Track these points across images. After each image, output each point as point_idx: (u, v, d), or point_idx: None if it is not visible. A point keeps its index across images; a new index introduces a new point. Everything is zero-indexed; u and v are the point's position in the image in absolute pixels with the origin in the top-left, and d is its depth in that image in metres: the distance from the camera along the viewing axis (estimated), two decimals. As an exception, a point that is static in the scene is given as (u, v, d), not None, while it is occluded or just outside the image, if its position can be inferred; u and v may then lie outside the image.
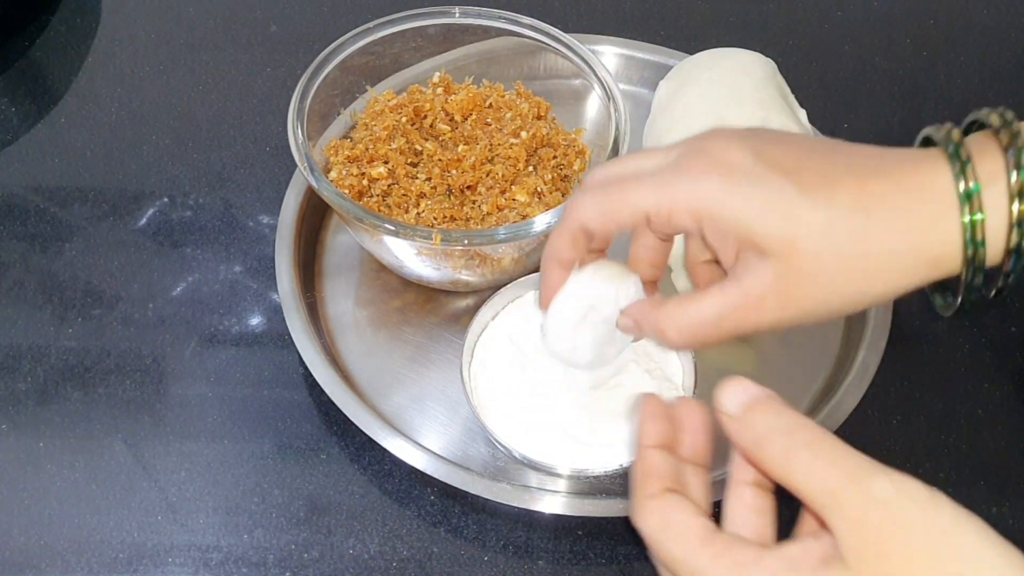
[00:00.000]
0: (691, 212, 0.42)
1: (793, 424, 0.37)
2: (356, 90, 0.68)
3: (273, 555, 0.57)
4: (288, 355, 0.64)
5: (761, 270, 0.41)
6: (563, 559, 0.57)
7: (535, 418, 0.56)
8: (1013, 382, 0.65)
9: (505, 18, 0.67)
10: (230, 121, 0.77)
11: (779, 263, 0.41)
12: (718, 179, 0.41)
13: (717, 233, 0.42)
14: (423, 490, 0.59)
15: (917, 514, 0.35)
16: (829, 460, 0.35)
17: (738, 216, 0.41)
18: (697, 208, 0.42)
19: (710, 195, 0.41)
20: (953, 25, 0.86)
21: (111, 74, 0.79)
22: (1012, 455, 0.62)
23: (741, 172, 0.41)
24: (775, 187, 0.41)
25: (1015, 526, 0.59)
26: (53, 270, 0.68)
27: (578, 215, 0.45)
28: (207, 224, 0.71)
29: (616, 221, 0.44)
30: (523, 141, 0.64)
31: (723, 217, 0.41)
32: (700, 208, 0.42)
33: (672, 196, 0.42)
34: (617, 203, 0.44)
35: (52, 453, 0.60)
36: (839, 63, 0.83)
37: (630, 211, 0.44)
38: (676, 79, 0.70)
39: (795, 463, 0.36)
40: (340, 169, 0.64)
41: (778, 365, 0.65)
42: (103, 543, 0.57)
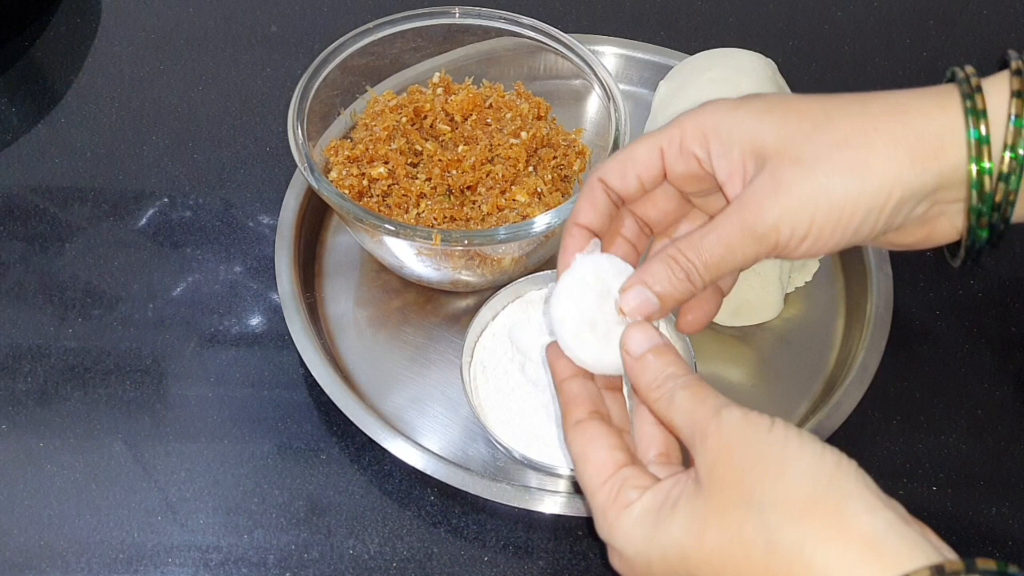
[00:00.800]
0: (700, 133, 0.44)
1: (678, 370, 0.42)
2: (356, 90, 0.68)
3: (273, 555, 0.57)
4: (288, 355, 0.64)
5: (761, 176, 0.42)
6: (563, 559, 0.57)
7: (535, 418, 0.56)
8: (1013, 383, 0.65)
9: (505, 18, 0.68)
10: (230, 121, 0.77)
11: (776, 160, 0.42)
12: (726, 107, 0.44)
13: (722, 146, 0.43)
14: (423, 490, 0.59)
15: (757, 433, 0.38)
16: (699, 400, 0.40)
17: (741, 121, 0.43)
18: (705, 125, 0.44)
19: (716, 114, 0.44)
20: (953, 25, 0.86)
21: (111, 74, 0.79)
22: (1012, 455, 0.62)
23: (743, 104, 0.44)
24: (781, 111, 0.43)
25: (1015, 526, 0.59)
26: (53, 270, 0.68)
27: (596, 171, 0.47)
28: (207, 224, 0.71)
29: (633, 163, 0.45)
30: (523, 141, 0.64)
31: (728, 126, 0.43)
32: (708, 125, 0.44)
33: (683, 122, 0.45)
34: (632, 147, 0.46)
35: (52, 453, 0.60)
36: (839, 63, 0.83)
37: (645, 147, 0.45)
38: (676, 79, 0.70)
39: (675, 403, 0.41)
40: (340, 169, 0.64)
41: (778, 365, 0.65)
42: (103, 543, 0.57)
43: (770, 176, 0.42)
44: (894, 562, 0.34)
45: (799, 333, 0.66)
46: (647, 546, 0.40)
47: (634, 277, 0.44)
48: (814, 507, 0.36)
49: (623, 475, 0.42)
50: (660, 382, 0.42)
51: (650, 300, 0.44)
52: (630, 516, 0.41)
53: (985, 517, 0.60)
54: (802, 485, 0.37)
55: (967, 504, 0.61)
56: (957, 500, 0.61)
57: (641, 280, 0.44)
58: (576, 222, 0.47)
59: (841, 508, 0.36)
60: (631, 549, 0.41)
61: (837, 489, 0.37)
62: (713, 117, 0.44)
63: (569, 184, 0.65)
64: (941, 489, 0.61)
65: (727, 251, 0.43)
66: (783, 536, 0.36)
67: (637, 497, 0.41)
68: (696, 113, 0.45)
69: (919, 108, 0.42)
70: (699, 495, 0.39)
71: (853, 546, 0.35)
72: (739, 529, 0.37)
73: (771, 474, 0.38)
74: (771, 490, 0.37)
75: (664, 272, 0.43)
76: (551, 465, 0.55)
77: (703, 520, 0.39)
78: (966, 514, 0.60)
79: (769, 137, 0.42)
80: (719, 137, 0.44)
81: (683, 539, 0.39)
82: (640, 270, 0.44)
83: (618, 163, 0.46)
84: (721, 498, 0.38)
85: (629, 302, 0.44)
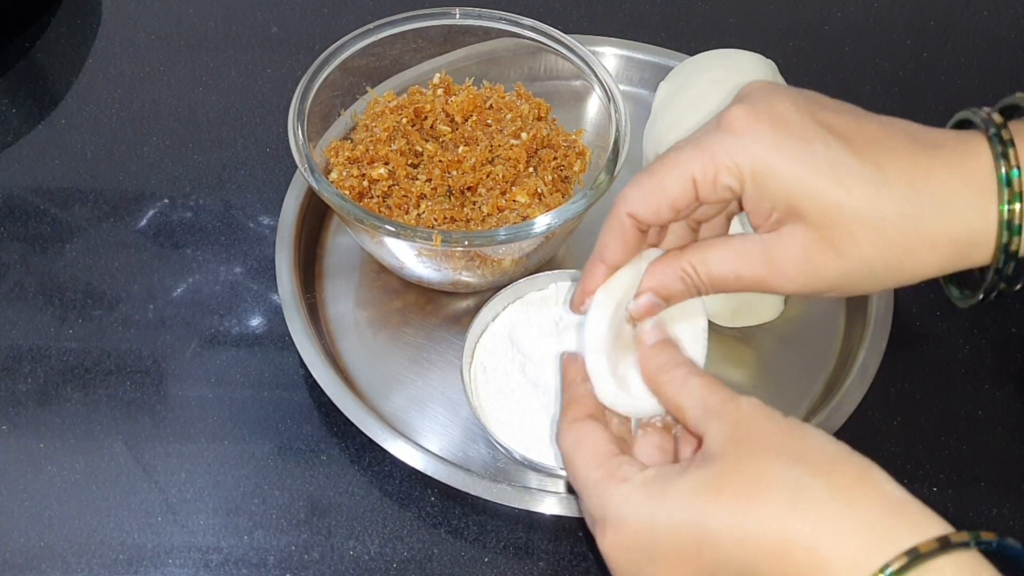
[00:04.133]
0: (736, 169, 0.40)
1: (686, 362, 0.44)
2: (356, 91, 0.68)
3: (273, 556, 0.57)
4: (288, 356, 0.64)
5: (790, 237, 0.41)
6: (563, 560, 0.57)
7: (535, 419, 0.56)
8: (1014, 383, 0.65)
9: (505, 19, 0.68)
10: (230, 122, 0.77)
11: (812, 232, 0.40)
12: (765, 135, 0.40)
13: (758, 193, 0.41)
14: (423, 491, 0.59)
15: (771, 419, 0.40)
16: (712, 388, 0.42)
17: (784, 176, 0.39)
18: (742, 165, 0.40)
19: (757, 153, 0.40)
20: (953, 25, 0.86)
21: (112, 75, 0.79)
22: (1012, 456, 0.62)
23: (789, 128, 0.40)
24: (825, 147, 0.39)
25: (1015, 527, 0.59)
26: (53, 271, 0.68)
27: (623, 204, 0.43)
28: (207, 225, 0.71)
29: (664, 195, 0.42)
30: (523, 142, 0.64)
31: (769, 176, 0.40)
32: (745, 165, 0.40)
33: (717, 153, 0.41)
34: (660, 175, 0.42)
35: (52, 454, 0.60)
36: (839, 64, 0.83)
37: (676, 178, 0.41)
38: (676, 80, 0.70)
39: (687, 387, 0.42)
40: (340, 170, 0.64)
41: (778, 365, 0.65)
42: (103, 544, 0.57)
43: (802, 252, 0.41)
44: (919, 524, 0.35)
45: (800, 334, 0.66)
46: (652, 508, 0.38)
47: (644, 285, 0.45)
48: (841, 465, 0.37)
49: (619, 458, 0.42)
50: (672, 367, 0.43)
51: (657, 304, 0.45)
52: (630, 485, 0.40)
53: (986, 518, 0.60)
54: (827, 448, 0.38)
55: (967, 505, 0.61)
56: (958, 501, 0.61)
57: (651, 288, 0.45)
58: (604, 260, 0.45)
59: (867, 472, 0.37)
60: (632, 514, 0.39)
61: (859, 458, 0.38)
62: (751, 154, 0.40)
63: (569, 185, 0.65)
64: (942, 490, 0.61)
65: (736, 281, 0.43)
66: (810, 484, 0.36)
67: (636, 473, 0.40)
68: (730, 141, 0.41)
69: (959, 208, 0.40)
70: (713, 461, 0.38)
71: (882, 503, 0.36)
72: (762, 477, 0.37)
73: (795, 436, 0.38)
74: (796, 446, 0.38)
75: (674, 284, 0.44)
76: (551, 466, 0.55)
77: (720, 476, 0.38)
78: (966, 515, 0.60)
79: (810, 207, 0.40)
80: (755, 182, 0.40)
81: (696, 495, 0.38)
82: (651, 279, 0.45)
83: (648, 196, 0.42)
84: (742, 455, 0.38)
85: (639, 308, 0.45)
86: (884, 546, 0.34)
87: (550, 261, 0.65)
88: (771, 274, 0.42)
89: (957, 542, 0.34)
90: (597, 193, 0.60)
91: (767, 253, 0.42)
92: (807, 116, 0.40)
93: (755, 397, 0.41)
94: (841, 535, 0.35)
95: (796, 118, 0.40)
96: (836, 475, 0.36)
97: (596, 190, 0.60)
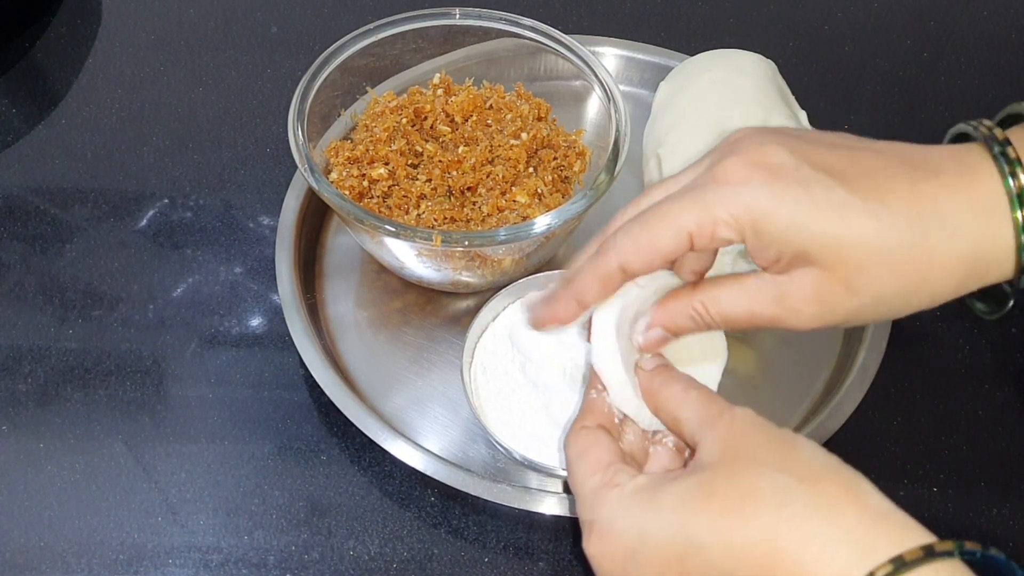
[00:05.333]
0: (736, 224, 0.40)
1: (683, 377, 0.45)
2: (356, 91, 0.68)
3: (273, 556, 0.57)
4: (288, 356, 0.64)
5: (801, 279, 0.41)
6: (563, 560, 0.57)
7: (535, 419, 0.56)
8: (1014, 383, 0.65)
9: (505, 19, 0.68)
10: (230, 122, 0.77)
11: (823, 272, 0.40)
12: (761, 185, 0.40)
13: (760, 243, 0.40)
14: (423, 491, 0.59)
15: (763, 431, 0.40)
16: (712, 399, 0.43)
17: (787, 224, 0.39)
18: (741, 218, 0.40)
19: (755, 203, 0.39)
20: (953, 25, 0.86)
21: (112, 75, 0.79)
22: (1013, 456, 0.62)
23: (784, 175, 0.40)
24: (824, 190, 0.39)
25: (1015, 527, 0.59)
26: (53, 271, 0.68)
27: (615, 254, 0.42)
28: (207, 225, 0.71)
29: (658, 250, 0.41)
30: (523, 142, 0.64)
31: (770, 227, 0.39)
32: (744, 218, 0.40)
33: (713, 208, 0.40)
34: (655, 230, 0.41)
35: (52, 454, 0.60)
36: (839, 64, 0.83)
37: (672, 234, 0.41)
38: (676, 80, 0.70)
39: (686, 399, 0.43)
40: (340, 170, 0.64)
41: (778, 366, 0.65)
42: (103, 544, 0.57)
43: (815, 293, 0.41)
44: (904, 534, 0.36)
45: (800, 334, 0.65)
46: (641, 515, 0.39)
47: (656, 320, 0.45)
48: (828, 476, 0.37)
49: (617, 467, 0.42)
50: (672, 384, 0.44)
51: (666, 339, 0.46)
52: (622, 491, 0.40)
53: (986, 518, 0.60)
54: (815, 460, 0.38)
55: (968, 505, 0.61)
56: (958, 501, 0.61)
57: (662, 323, 0.45)
58: (579, 300, 0.44)
59: (854, 483, 0.37)
60: (621, 520, 0.40)
61: (847, 470, 0.38)
62: (748, 206, 0.40)
63: (569, 185, 0.65)
64: (942, 490, 0.61)
65: (749, 320, 0.43)
66: (797, 495, 0.37)
67: (629, 480, 0.41)
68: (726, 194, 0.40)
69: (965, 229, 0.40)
70: (704, 470, 0.39)
71: (868, 513, 0.36)
72: (751, 487, 0.37)
73: (786, 448, 0.39)
74: (786, 458, 0.38)
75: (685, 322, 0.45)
76: (551, 466, 0.55)
77: (710, 485, 0.38)
78: (966, 515, 0.60)
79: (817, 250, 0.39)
80: (756, 233, 0.40)
81: (685, 502, 0.38)
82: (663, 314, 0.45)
83: (642, 251, 0.42)
84: (733, 465, 0.38)
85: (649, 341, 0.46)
86: (869, 555, 0.35)
87: (550, 261, 0.65)
88: (785, 313, 0.42)
89: (941, 551, 0.35)
90: (597, 193, 0.60)
91: (780, 294, 0.42)
92: (802, 160, 0.40)
93: (749, 408, 0.41)
94: (827, 545, 0.35)
95: (791, 163, 0.40)
96: (823, 487, 0.37)
97: (596, 190, 0.60)
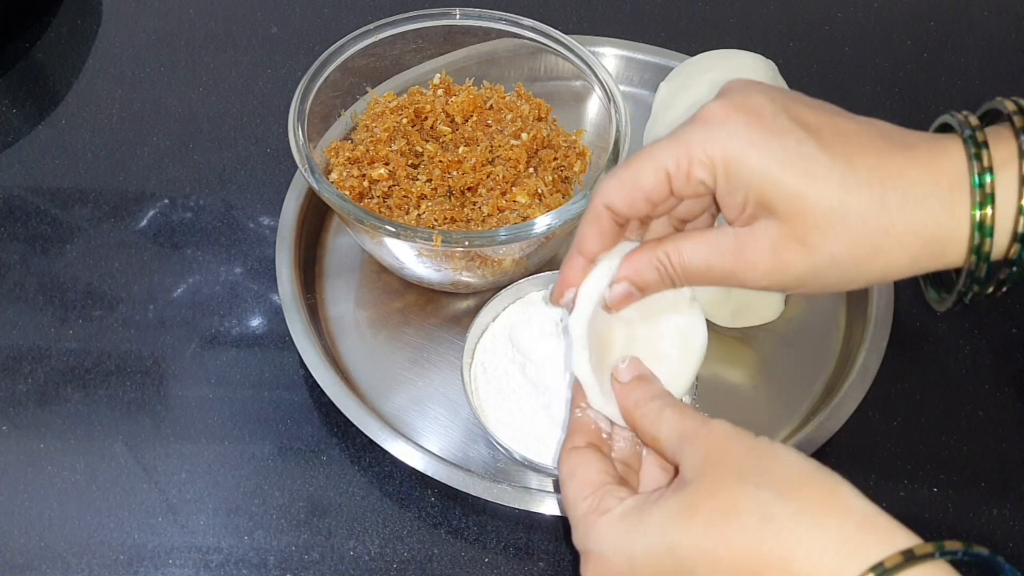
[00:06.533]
0: (709, 162, 0.41)
1: (661, 394, 0.44)
2: (357, 91, 0.68)
3: (273, 557, 0.57)
4: (289, 357, 0.64)
5: (761, 231, 0.41)
6: (564, 561, 0.57)
7: (535, 419, 0.56)
8: (1014, 383, 0.65)
9: (506, 20, 0.68)
10: (231, 123, 0.77)
11: (782, 226, 0.41)
12: (737, 126, 0.40)
13: (729, 186, 0.41)
14: (424, 492, 0.59)
15: (745, 435, 0.40)
16: (688, 414, 0.42)
17: (755, 169, 0.40)
18: (714, 157, 0.41)
19: (728, 144, 0.40)
20: (953, 26, 0.86)
21: (112, 75, 0.79)
22: (1013, 456, 0.62)
23: (762, 121, 0.40)
24: (796, 142, 0.40)
25: (1016, 527, 0.59)
26: (54, 271, 0.68)
27: (600, 196, 0.44)
28: (208, 225, 0.71)
29: (639, 188, 0.43)
30: (524, 143, 0.64)
31: (740, 168, 0.40)
32: (717, 157, 0.41)
33: (691, 146, 0.41)
34: (636, 168, 0.43)
35: (52, 454, 0.60)
36: (839, 64, 0.83)
37: (651, 170, 0.42)
38: (676, 80, 0.70)
39: (662, 418, 0.43)
40: (341, 170, 0.64)
41: (779, 366, 0.65)
42: (103, 544, 0.57)
43: (771, 246, 0.41)
44: (887, 538, 0.36)
45: (800, 334, 0.66)
46: (629, 539, 0.39)
47: (620, 273, 0.45)
48: (809, 484, 0.37)
49: (605, 489, 0.42)
50: (647, 400, 0.44)
51: (631, 293, 0.45)
52: (610, 517, 0.41)
53: (986, 518, 0.60)
54: (794, 468, 0.38)
55: (968, 505, 0.60)
56: (958, 501, 0.61)
57: (626, 277, 0.45)
58: (581, 252, 0.46)
59: (835, 489, 0.37)
60: (611, 547, 0.40)
61: (828, 475, 0.38)
62: (723, 146, 0.41)
63: (570, 185, 0.65)
64: (942, 490, 0.61)
65: (707, 271, 0.44)
66: (780, 508, 0.37)
67: (617, 504, 0.41)
68: (704, 134, 0.41)
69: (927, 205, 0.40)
70: (686, 487, 0.39)
71: (851, 519, 0.36)
72: (733, 504, 0.37)
73: (765, 458, 0.39)
74: (766, 469, 0.38)
75: (649, 273, 0.45)
76: (551, 466, 0.55)
77: (692, 502, 0.38)
78: (966, 515, 0.60)
79: (779, 199, 0.40)
80: (727, 174, 0.41)
81: (670, 522, 0.38)
82: (628, 266, 0.45)
83: (624, 188, 0.43)
84: (713, 481, 0.39)
85: (615, 296, 0.45)
86: (853, 561, 0.35)
87: (550, 261, 0.65)
88: (740, 266, 0.42)
89: (921, 554, 0.35)
90: (597, 193, 0.60)
91: (738, 246, 0.42)
92: (780, 110, 0.41)
93: (725, 420, 0.41)
94: (812, 552, 0.35)
95: (770, 111, 0.41)
96: (805, 494, 0.37)
97: (596, 190, 0.60)
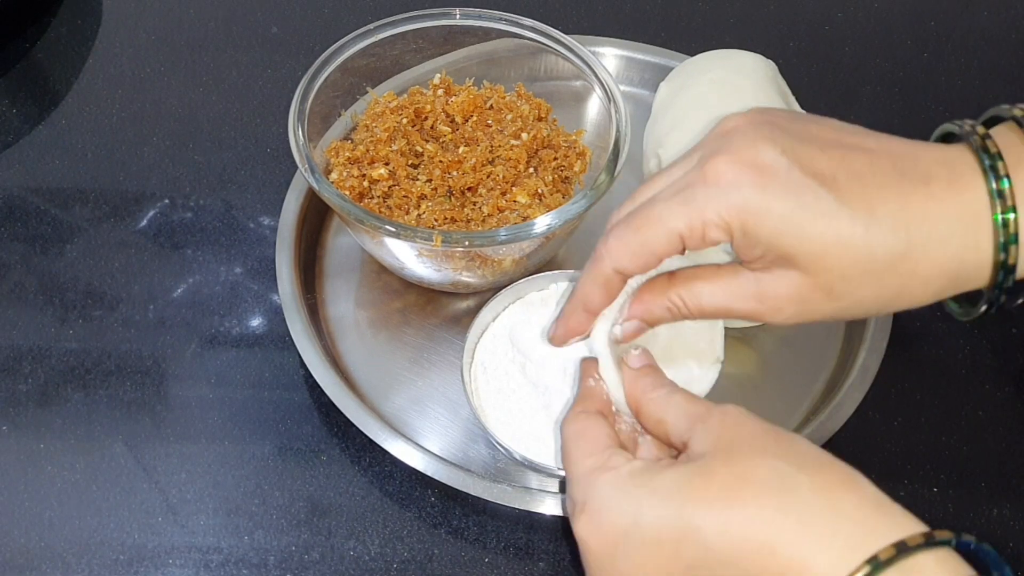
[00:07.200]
0: (724, 224, 0.41)
1: (666, 382, 0.46)
2: (357, 91, 0.68)
3: (274, 557, 0.57)
4: (289, 357, 0.64)
5: (784, 279, 0.41)
6: (564, 561, 0.57)
7: (536, 419, 0.56)
8: (1014, 384, 0.65)
9: (506, 20, 0.68)
10: (231, 123, 0.77)
11: (805, 276, 0.41)
12: (751, 187, 0.40)
13: (747, 241, 0.41)
14: (424, 492, 0.59)
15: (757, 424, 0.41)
16: (692, 402, 0.44)
17: (773, 230, 0.40)
18: (730, 220, 0.40)
19: (745, 206, 0.40)
20: (953, 26, 0.86)
21: (112, 75, 0.79)
22: (1013, 457, 0.62)
23: (775, 178, 0.40)
24: (814, 198, 0.40)
25: (1016, 527, 0.59)
26: (54, 271, 0.68)
27: (609, 259, 0.43)
28: (208, 225, 0.71)
29: (652, 252, 0.42)
30: (524, 143, 0.64)
31: (758, 229, 0.40)
32: (734, 220, 0.40)
33: (704, 210, 0.41)
34: (647, 233, 0.42)
35: (52, 454, 0.60)
36: (839, 64, 0.83)
37: (664, 237, 0.42)
38: (677, 80, 0.70)
39: (671, 401, 0.44)
40: (341, 170, 0.64)
41: (779, 366, 0.65)
42: (103, 544, 0.57)
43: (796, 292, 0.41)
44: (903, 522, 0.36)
45: (800, 334, 0.66)
46: (635, 496, 0.39)
47: (632, 312, 0.46)
48: (827, 466, 0.38)
49: (612, 450, 0.43)
50: (656, 386, 0.45)
51: (642, 329, 0.47)
52: (617, 474, 0.41)
53: (986, 518, 0.60)
54: (811, 452, 0.39)
55: (968, 505, 0.61)
56: (958, 501, 0.61)
57: (638, 316, 0.46)
58: (588, 310, 0.46)
59: (851, 476, 0.38)
60: (615, 502, 0.40)
61: (844, 464, 0.39)
62: (739, 210, 0.40)
63: (570, 185, 0.65)
64: (942, 490, 0.61)
65: (727, 313, 0.44)
66: (799, 480, 0.37)
67: (624, 463, 0.41)
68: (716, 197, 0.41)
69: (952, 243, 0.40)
70: (700, 457, 0.39)
71: (868, 500, 0.37)
72: (752, 472, 0.37)
73: (783, 440, 0.39)
74: (785, 449, 0.39)
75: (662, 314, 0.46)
76: (551, 466, 0.55)
77: (708, 469, 0.38)
78: (967, 515, 0.60)
79: (802, 257, 0.40)
80: (744, 233, 0.41)
81: (684, 485, 0.38)
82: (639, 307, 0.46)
83: (635, 253, 0.43)
84: (729, 453, 0.39)
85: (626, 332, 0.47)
86: (871, 538, 0.35)
87: (550, 261, 0.65)
88: (765, 309, 0.43)
89: (940, 539, 0.35)
90: (597, 193, 0.60)
91: (760, 290, 0.42)
92: (793, 164, 0.40)
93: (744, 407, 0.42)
94: (827, 527, 0.36)
95: (782, 165, 0.40)
96: (822, 475, 0.37)
97: (596, 190, 0.60)
